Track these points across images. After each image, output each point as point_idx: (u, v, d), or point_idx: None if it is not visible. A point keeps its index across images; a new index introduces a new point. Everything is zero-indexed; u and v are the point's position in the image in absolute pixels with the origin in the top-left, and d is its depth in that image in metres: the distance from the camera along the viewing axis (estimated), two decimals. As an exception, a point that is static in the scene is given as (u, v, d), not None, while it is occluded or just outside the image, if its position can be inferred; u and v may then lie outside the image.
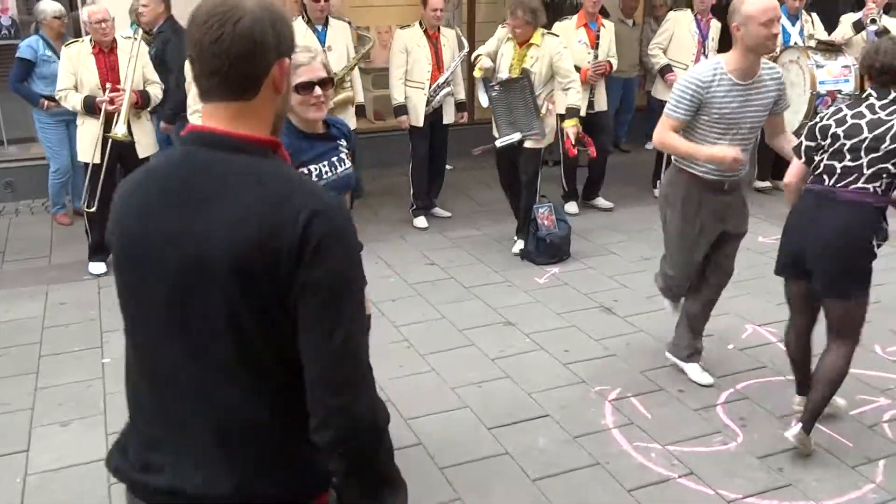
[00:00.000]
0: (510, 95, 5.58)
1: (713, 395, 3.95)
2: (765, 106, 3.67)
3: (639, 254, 5.90)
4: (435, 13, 6.11)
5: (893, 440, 3.57)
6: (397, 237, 6.27)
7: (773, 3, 3.48)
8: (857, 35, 7.04)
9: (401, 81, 6.25)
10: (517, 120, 5.59)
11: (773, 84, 3.66)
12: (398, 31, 6.31)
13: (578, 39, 6.49)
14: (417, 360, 4.34)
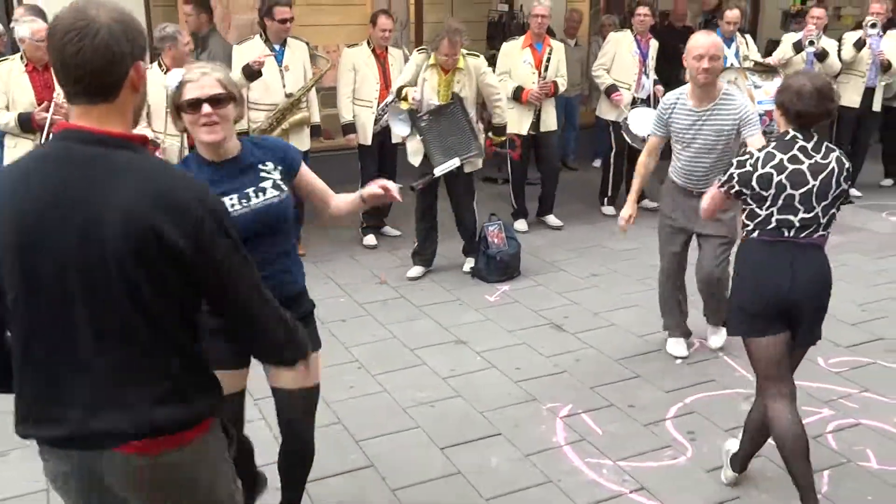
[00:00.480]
0: (441, 123, 5.46)
1: (662, 410, 3.99)
2: (717, 131, 4.14)
3: (588, 270, 5.95)
4: (384, 33, 6.13)
5: (838, 451, 3.65)
6: (347, 257, 6.24)
7: (704, 42, 4.06)
8: (797, 55, 7.25)
9: (349, 100, 6.25)
10: (452, 145, 5.48)
11: (728, 112, 4.11)
12: (346, 50, 6.32)
13: (524, 60, 6.55)
14: (368, 380, 4.30)
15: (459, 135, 5.47)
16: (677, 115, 4.24)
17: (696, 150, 4.22)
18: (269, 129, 5.82)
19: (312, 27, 8.17)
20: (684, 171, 4.33)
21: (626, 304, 5.32)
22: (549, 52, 6.59)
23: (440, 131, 5.46)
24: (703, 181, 4.20)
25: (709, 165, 4.22)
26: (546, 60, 6.57)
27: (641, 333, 4.86)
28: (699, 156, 4.23)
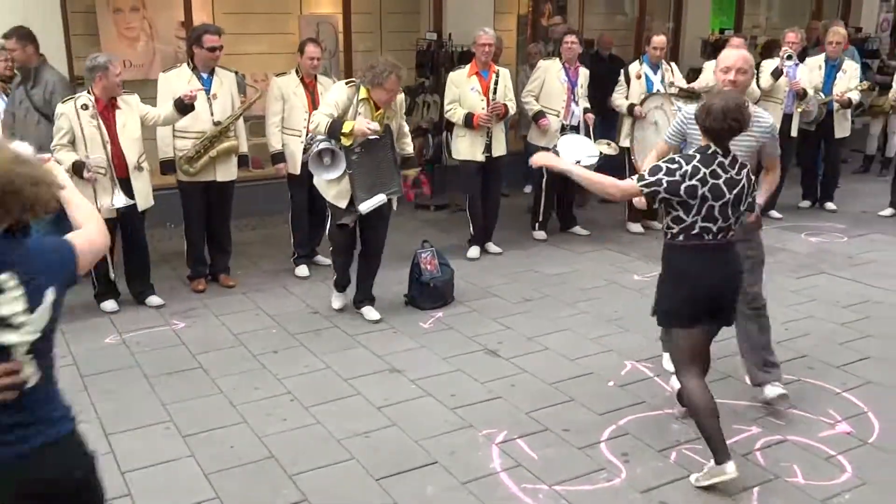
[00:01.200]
0: (372, 156, 5.16)
1: (596, 433, 4.02)
2: (744, 148, 3.78)
3: (520, 295, 5.99)
4: (312, 61, 6.10)
5: (765, 467, 3.72)
6: (278, 287, 6.15)
7: (732, 55, 3.96)
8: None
9: (277, 129, 6.20)
10: (378, 181, 5.20)
11: (757, 131, 3.88)
12: (275, 79, 6.27)
13: (471, 87, 6.60)
14: (301, 413, 4.23)
15: (386, 170, 5.25)
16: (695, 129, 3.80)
17: None
18: (196, 156, 5.74)
19: (240, 56, 8.12)
20: None
21: (559, 328, 5.37)
22: (497, 77, 6.65)
23: (369, 166, 5.17)
24: None
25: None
26: (494, 84, 6.62)
27: (574, 357, 4.90)
28: None
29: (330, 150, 5.12)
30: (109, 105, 5.32)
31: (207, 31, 5.72)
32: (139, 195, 5.43)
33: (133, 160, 5.37)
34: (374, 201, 5.18)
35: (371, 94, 5.04)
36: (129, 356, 4.92)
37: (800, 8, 12.81)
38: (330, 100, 5.11)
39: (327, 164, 5.16)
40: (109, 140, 5.27)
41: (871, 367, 4.77)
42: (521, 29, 10.36)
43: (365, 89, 5.05)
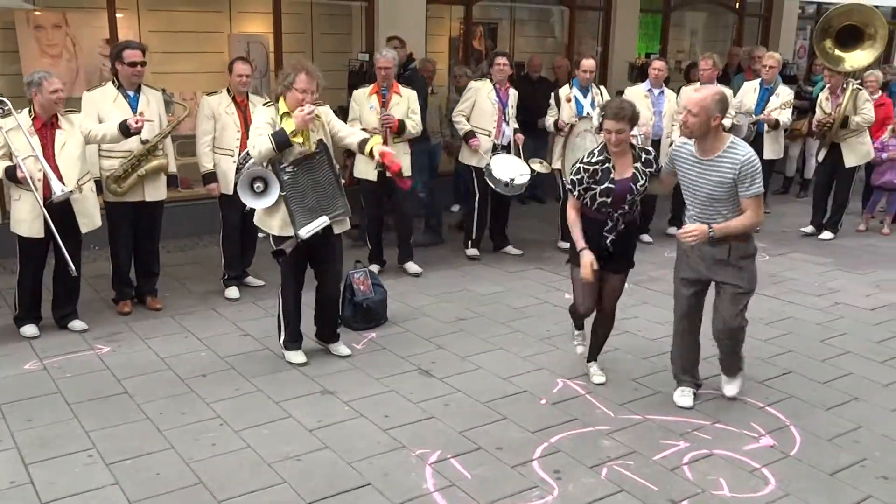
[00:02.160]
0: (307, 175, 4.80)
1: (529, 451, 4.04)
2: (718, 182, 4.15)
3: (454, 314, 6.01)
4: (241, 79, 6.03)
5: (693, 481, 3.80)
6: (208, 309, 6.03)
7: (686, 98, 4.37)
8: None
9: (208, 148, 6.10)
10: (318, 202, 4.85)
11: (728, 165, 4.12)
12: (205, 98, 6.18)
13: (370, 106, 6.61)
14: (231, 437, 4.14)
15: (326, 189, 4.87)
16: (681, 163, 4.31)
17: (699, 198, 4.26)
18: (123, 175, 5.60)
19: (169, 74, 8.00)
20: (697, 218, 4.30)
21: (492, 347, 5.40)
22: (397, 98, 6.65)
23: (305, 187, 4.79)
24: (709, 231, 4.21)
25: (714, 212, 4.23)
26: (393, 104, 6.61)
27: (507, 375, 4.93)
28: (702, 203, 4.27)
29: (260, 177, 4.79)
30: (49, 123, 5.18)
31: (128, 47, 5.61)
32: (80, 216, 5.27)
33: (72, 180, 5.19)
34: (314, 224, 4.80)
35: (287, 104, 4.75)
36: (50, 382, 4.75)
37: (721, 34, 13.27)
38: (259, 122, 4.77)
39: (259, 191, 4.81)
40: (45, 159, 5.09)
41: (792, 381, 4.92)
42: (453, 51, 10.47)
43: (283, 102, 4.77)
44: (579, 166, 4.45)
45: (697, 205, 4.30)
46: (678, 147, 4.37)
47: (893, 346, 5.52)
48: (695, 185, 4.26)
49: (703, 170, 4.20)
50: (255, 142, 4.71)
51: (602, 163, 4.41)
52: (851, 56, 8.25)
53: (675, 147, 4.40)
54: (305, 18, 9.09)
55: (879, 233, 8.68)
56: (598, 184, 4.39)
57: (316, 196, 4.85)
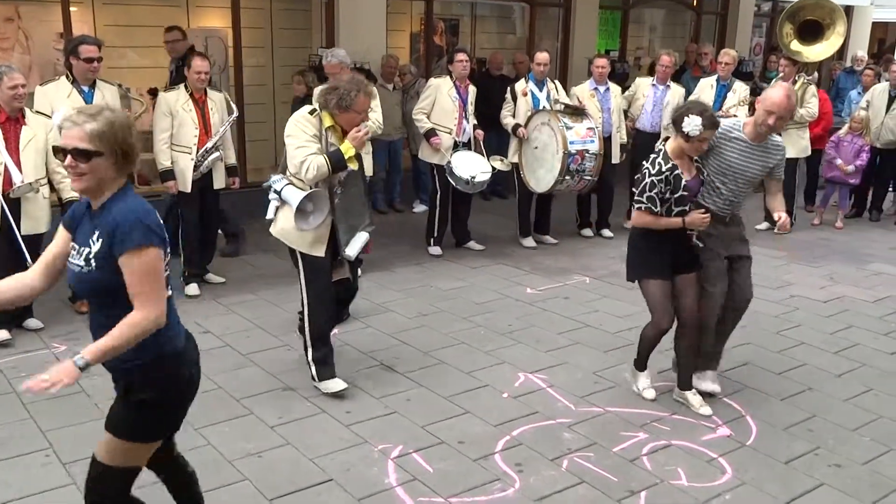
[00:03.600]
0: (349, 192, 4.51)
1: (491, 444, 4.07)
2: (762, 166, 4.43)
3: (416, 310, 6.01)
4: (199, 76, 5.93)
5: (652, 472, 3.86)
6: (167, 306, 5.96)
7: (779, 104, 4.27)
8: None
9: (166, 145, 6.01)
10: (356, 218, 4.61)
11: (774, 150, 4.44)
12: (162, 94, 6.09)
13: None
14: (191, 434, 4.10)
15: (359, 204, 4.64)
16: (728, 147, 4.41)
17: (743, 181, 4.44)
18: (78, 173, 5.51)
19: (125, 69, 7.89)
20: (727, 200, 4.46)
21: (454, 342, 5.41)
22: None
23: (347, 204, 4.51)
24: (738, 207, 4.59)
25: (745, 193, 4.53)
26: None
27: (469, 370, 4.96)
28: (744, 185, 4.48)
29: (308, 197, 4.34)
30: (15, 118, 5.10)
31: (84, 42, 5.52)
32: (26, 217, 5.15)
33: (30, 178, 5.09)
34: (358, 241, 4.55)
35: (337, 120, 4.39)
36: (5, 382, 4.66)
37: (680, 31, 13.44)
38: (302, 137, 4.34)
39: (310, 211, 4.40)
40: (8, 153, 5.01)
41: (748, 373, 5.01)
42: (414, 47, 10.47)
43: (328, 116, 4.39)
44: (651, 181, 4.25)
45: (732, 187, 4.44)
46: (727, 130, 4.42)
47: (846, 338, 5.65)
48: (740, 167, 4.41)
49: (753, 155, 4.41)
50: (311, 161, 4.27)
51: (671, 170, 4.27)
52: (810, 50, 8.41)
53: (724, 130, 4.40)
54: (265, 13, 9.03)
55: (833, 227, 8.87)
56: (674, 192, 4.28)
57: (352, 213, 4.60)
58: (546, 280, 6.83)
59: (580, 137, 7.28)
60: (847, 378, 4.98)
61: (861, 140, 8.78)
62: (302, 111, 4.47)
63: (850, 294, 6.61)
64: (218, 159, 6.13)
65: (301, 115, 4.43)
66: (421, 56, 10.23)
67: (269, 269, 6.89)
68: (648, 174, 4.28)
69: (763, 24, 14.31)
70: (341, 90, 4.31)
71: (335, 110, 4.35)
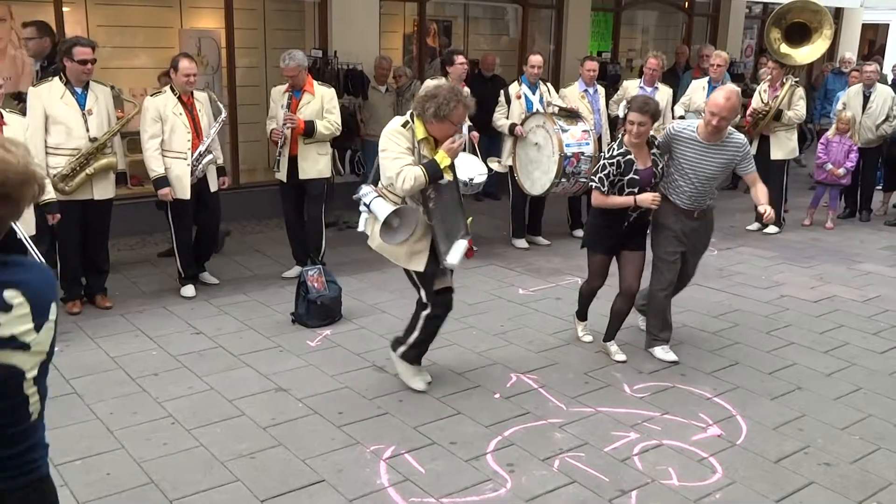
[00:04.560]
0: (445, 199, 4.41)
1: (482, 445, 4.08)
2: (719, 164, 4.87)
3: (408, 311, 5.98)
4: (188, 78, 5.84)
5: (643, 471, 3.88)
6: (159, 307, 5.96)
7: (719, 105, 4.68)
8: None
9: (157, 152, 5.89)
10: (453, 226, 4.47)
11: (732, 149, 4.88)
12: (149, 99, 5.94)
13: (281, 104, 6.34)
14: (183, 436, 4.11)
15: (456, 211, 4.51)
16: (682, 146, 4.88)
17: (703, 178, 4.88)
18: (71, 174, 5.50)
19: (118, 70, 7.88)
20: (691, 196, 4.93)
21: (446, 342, 5.42)
22: (309, 97, 6.32)
23: (443, 212, 4.40)
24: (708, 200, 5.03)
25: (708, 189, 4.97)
26: (303, 104, 6.32)
27: (461, 371, 4.97)
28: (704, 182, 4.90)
29: (396, 212, 4.26)
30: None
31: (78, 44, 5.50)
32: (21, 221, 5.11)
33: None
34: (458, 249, 4.41)
35: (431, 130, 4.25)
36: (-4, 383, 4.65)
37: (672, 33, 13.49)
38: (396, 150, 4.23)
39: (397, 226, 4.32)
40: None
41: (738, 372, 5.04)
42: (407, 48, 10.48)
43: (421, 126, 4.25)
44: (603, 163, 4.83)
45: (693, 183, 4.88)
46: (679, 131, 4.91)
47: (836, 337, 5.68)
48: (696, 166, 4.85)
49: (708, 153, 4.84)
50: (407, 172, 4.15)
51: (624, 155, 4.80)
52: (798, 52, 8.45)
53: (676, 131, 4.92)
54: (258, 14, 9.03)
55: (823, 227, 8.91)
56: (624, 175, 4.79)
57: (452, 218, 4.47)
58: (538, 281, 6.85)
59: (575, 140, 7.31)
60: (837, 377, 5.01)
61: (849, 140, 8.84)
62: (394, 124, 4.35)
63: (840, 294, 6.64)
64: (212, 162, 6.11)
65: (394, 128, 4.31)
66: (414, 57, 10.24)
67: (261, 271, 6.89)
68: (603, 157, 4.90)
69: (754, 26, 14.37)
70: (440, 99, 4.17)
71: (432, 119, 4.19)
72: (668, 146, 4.95)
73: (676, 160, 4.91)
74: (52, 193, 5.32)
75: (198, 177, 6.02)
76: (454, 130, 4.29)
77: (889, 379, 5.00)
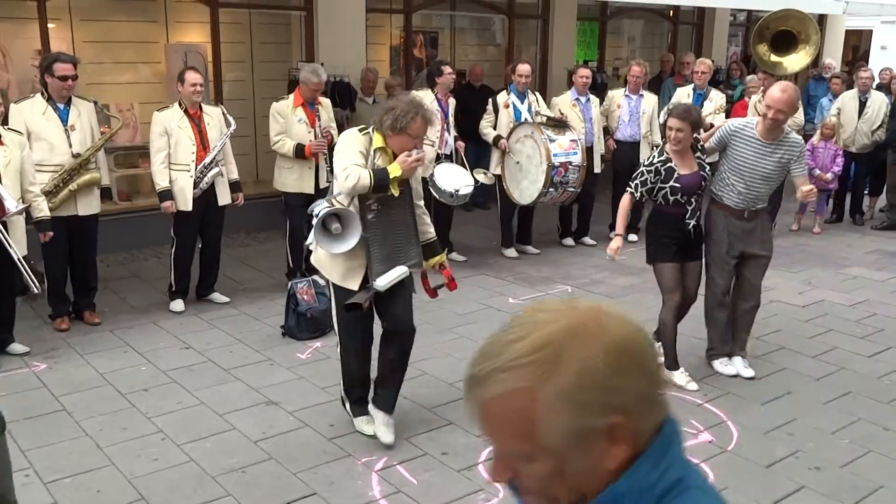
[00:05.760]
0: (390, 217, 4.18)
1: (474, 455, 4.08)
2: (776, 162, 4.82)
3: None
4: (195, 88, 5.86)
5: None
6: (149, 323, 5.94)
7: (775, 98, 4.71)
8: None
9: (163, 166, 5.91)
10: (396, 249, 4.21)
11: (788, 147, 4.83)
12: (156, 114, 5.97)
13: (298, 118, 6.41)
14: (174, 451, 4.09)
15: (405, 235, 4.26)
16: (740, 144, 4.85)
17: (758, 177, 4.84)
18: (55, 190, 5.47)
19: (104, 85, 7.87)
20: (744, 196, 4.89)
21: (437, 353, 5.43)
22: (319, 109, 6.49)
23: (385, 230, 4.17)
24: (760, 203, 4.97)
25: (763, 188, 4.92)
26: (318, 118, 6.45)
27: (452, 381, 4.97)
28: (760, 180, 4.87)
29: (337, 215, 4.04)
30: None
31: (59, 60, 5.48)
32: (12, 239, 5.01)
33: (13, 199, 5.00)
34: (393, 274, 4.10)
35: (389, 143, 4.09)
36: (-16, 402, 4.63)
37: (658, 41, 13.57)
38: (350, 151, 4.06)
39: (337, 233, 4.06)
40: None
41: (728, 378, 5.05)
42: (394, 60, 10.51)
43: (380, 137, 4.10)
44: (642, 170, 4.86)
45: (747, 183, 4.84)
46: (738, 128, 4.87)
47: (824, 342, 5.71)
48: (753, 164, 4.81)
49: (765, 152, 4.80)
50: (354, 171, 3.95)
51: (664, 162, 4.80)
52: (787, 60, 8.52)
53: (735, 128, 4.89)
54: (244, 27, 9.04)
55: (811, 232, 8.97)
56: (665, 182, 4.79)
57: (393, 241, 4.21)
58: (528, 289, 6.86)
59: (563, 149, 7.32)
60: (826, 381, 5.04)
61: (834, 145, 8.90)
62: (352, 129, 4.26)
63: (828, 298, 6.68)
64: (218, 174, 6.06)
65: (351, 132, 4.21)
66: (401, 69, 10.26)
67: (250, 284, 6.88)
68: (643, 165, 4.92)
69: (739, 34, 14.48)
70: (398, 111, 4.02)
71: (388, 131, 4.05)
72: (725, 143, 4.90)
73: (731, 158, 4.86)
74: (46, 211, 5.28)
75: (202, 189, 5.99)
76: (412, 144, 4.08)
77: (877, 382, 5.03)
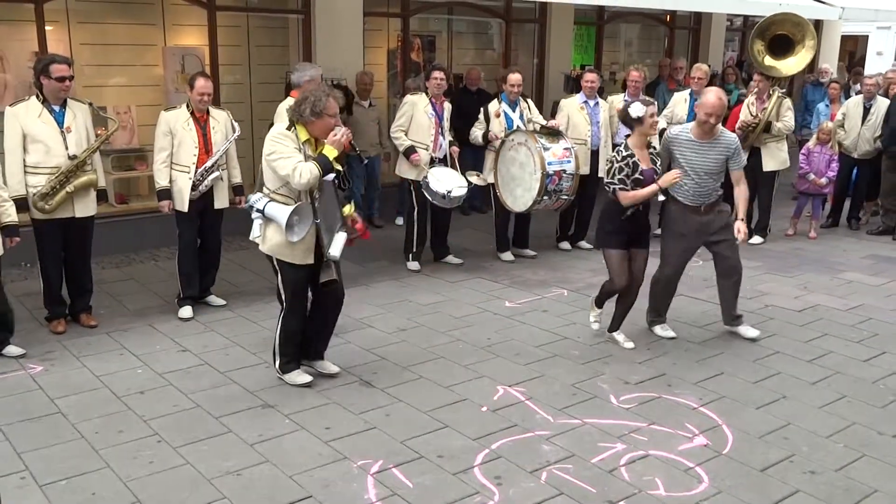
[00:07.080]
0: (324, 195, 4.69)
1: (470, 458, 4.08)
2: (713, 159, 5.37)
3: (395, 325, 6.03)
4: (202, 97, 5.89)
5: (630, 482, 3.89)
6: (145, 325, 5.94)
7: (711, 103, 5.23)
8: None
9: (165, 165, 5.95)
10: (331, 221, 4.74)
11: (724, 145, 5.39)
12: (163, 114, 6.02)
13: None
14: (169, 454, 4.09)
15: (333, 206, 4.77)
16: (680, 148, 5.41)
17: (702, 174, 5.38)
18: (51, 192, 5.46)
19: (101, 88, 7.88)
20: (694, 192, 5.43)
21: (433, 356, 5.43)
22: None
23: (323, 206, 4.68)
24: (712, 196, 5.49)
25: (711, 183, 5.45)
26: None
27: (448, 384, 4.97)
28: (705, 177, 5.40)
29: (295, 211, 4.52)
30: None
31: (54, 61, 5.47)
32: None
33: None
34: (338, 241, 4.69)
35: (312, 130, 4.57)
36: (-20, 404, 4.63)
37: (654, 46, 13.61)
38: (288, 150, 4.50)
39: (294, 224, 4.56)
40: None
41: (724, 382, 5.06)
42: (391, 63, 10.52)
43: (303, 129, 4.58)
44: (619, 166, 5.24)
45: (695, 180, 5.39)
46: (675, 136, 5.46)
47: (820, 346, 5.72)
48: (695, 163, 5.36)
49: (703, 150, 5.36)
50: (302, 168, 4.44)
51: (630, 157, 5.25)
52: (783, 64, 8.54)
53: (672, 137, 5.48)
54: (241, 31, 9.05)
55: (806, 236, 8.99)
56: (631, 175, 5.24)
57: (330, 214, 4.75)
58: (524, 293, 6.87)
59: (557, 158, 7.32)
60: (821, 386, 5.05)
61: (830, 150, 8.93)
62: (278, 128, 4.66)
63: (823, 303, 6.70)
64: (218, 178, 6.05)
65: (278, 131, 4.62)
66: (398, 72, 10.28)
67: (247, 287, 6.88)
68: (615, 161, 5.29)
69: (735, 39, 14.53)
70: (312, 98, 4.52)
71: (311, 118, 4.52)
72: (668, 150, 5.48)
73: (677, 161, 5.42)
74: (14, 216, 5.26)
75: (201, 191, 6.00)
76: (333, 123, 4.58)
77: (872, 387, 5.04)
